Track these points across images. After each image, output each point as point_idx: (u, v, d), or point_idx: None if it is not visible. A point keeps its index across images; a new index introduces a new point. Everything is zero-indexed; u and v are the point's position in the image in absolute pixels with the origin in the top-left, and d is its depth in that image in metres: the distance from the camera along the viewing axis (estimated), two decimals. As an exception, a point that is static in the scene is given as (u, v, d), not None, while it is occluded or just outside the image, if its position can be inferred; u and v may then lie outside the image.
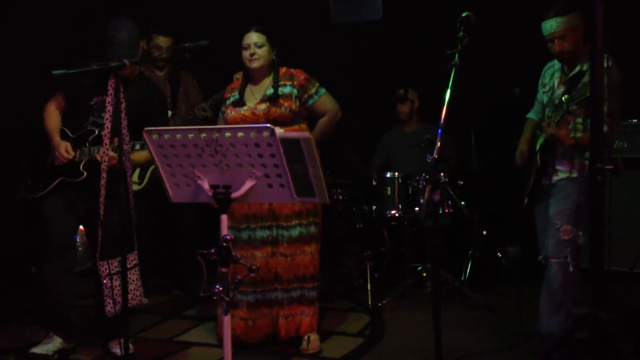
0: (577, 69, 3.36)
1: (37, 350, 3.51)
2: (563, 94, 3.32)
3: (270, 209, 3.64)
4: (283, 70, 3.78)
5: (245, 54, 3.68)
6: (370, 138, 5.83)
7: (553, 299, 3.35)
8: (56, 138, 3.48)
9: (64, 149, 3.40)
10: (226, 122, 3.76)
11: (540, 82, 3.66)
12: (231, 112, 3.74)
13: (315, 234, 3.74)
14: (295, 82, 3.72)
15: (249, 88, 3.79)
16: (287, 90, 3.70)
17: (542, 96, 3.63)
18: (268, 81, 3.75)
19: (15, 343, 3.79)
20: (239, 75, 3.94)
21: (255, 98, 3.73)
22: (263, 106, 3.66)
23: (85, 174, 3.44)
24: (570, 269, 3.28)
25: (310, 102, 3.74)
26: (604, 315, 2.47)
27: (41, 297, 3.69)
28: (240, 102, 3.73)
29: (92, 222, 3.45)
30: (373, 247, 4.95)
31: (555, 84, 3.49)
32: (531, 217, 3.70)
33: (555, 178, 3.45)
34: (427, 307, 4.44)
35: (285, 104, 3.66)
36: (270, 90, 3.68)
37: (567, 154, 3.40)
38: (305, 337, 3.68)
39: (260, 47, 3.66)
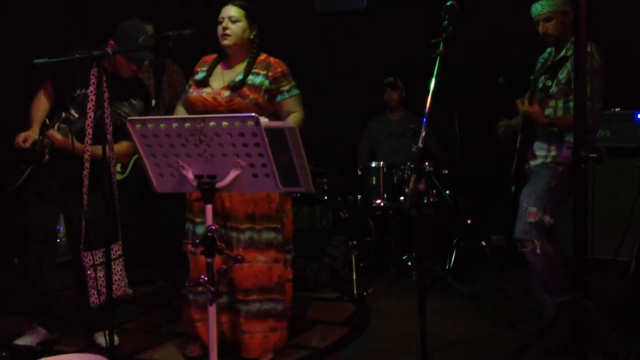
0: (562, 54, 3.38)
1: (21, 342, 3.49)
2: (546, 80, 3.35)
3: (222, 207, 3.30)
4: (262, 57, 3.40)
5: (219, 28, 3.32)
6: (353, 127, 5.83)
7: (540, 280, 3.44)
8: (33, 127, 3.42)
9: (22, 138, 3.32)
10: (187, 101, 3.42)
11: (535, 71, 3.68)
12: (193, 92, 3.36)
13: (271, 241, 3.36)
14: (270, 73, 3.33)
15: (219, 69, 3.42)
16: (258, 80, 3.31)
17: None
18: (242, 67, 3.36)
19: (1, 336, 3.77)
20: None
21: (223, 81, 3.36)
22: (227, 93, 3.28)
23: (47, 157, 3.37)
24: (538, 251, 3.35)
25: (279, 98, 3.35)
26: (587, 302, 2.50)
27: (23, 288, 3.66)
28: (203, 82, 3.37)
29: (72, 212, 3.43)
30: (358, 237, 4.96)
31: (540, 69, 3.53)
32: (516, 205, 3.73)
33: (532, 163, 3.51)
34: (412, 296, 4.44)
35: (251, 96, 3.27)
36: (240, 77, 3.31)
37: (546, 137, 3.44)
38: None
39: (234, 22, 3.29)
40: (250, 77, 3.32)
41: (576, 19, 2.53)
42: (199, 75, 3.42)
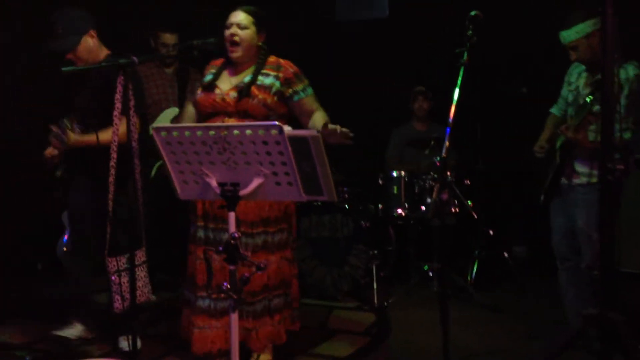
0: None
1: (61, 333, 3.59)
2: (586, 96, 3.31)
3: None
4: (272, 59, 3.35)
5: (226, 33, 3.25)
6: (374, 135, 5.82)
7: (582, 297, 3.40)
8: None
9: (50, 152, 3.52)
10: (196, 103, 3.38)
11: (566, 79, 3.65)
12: (200, 94, 3.33)
13: (282, 241, 3.37)
14: (280, 74, 3.28)
15: (225, 73, 3.37)
16: (268, 81, 3.26)
17: (566, 93, 3.62)
18: (249, 71, 3.31)
19: (25, 338, 3.81)
20: None
21: (230, 83, 3.31)
22: (235, 93, 3.24)
23: (59, 172, 3.63)
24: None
25: (296, 98, 3.29)
26: (613, 315, 2.47)
27: (64, 284, 3.81)
28: (210, 86, 3.31)
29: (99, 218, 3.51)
30: (379, 246, 4.95)
31: (581, 85, 3.48)
32: (538, 216, 3.71)
33: (575, 181, 3.45)
34: (433, 306, 4.44)
35: (260, 96, 3.21)
36: (249, 77, 3.26)
37: (587, 155, 3.38)
38: (254, 356, 3.35)
39: (243, 28, 3.23)
40: (260, 77, 3.27)
41: (603, 40, 2.51)
42: (207, 78, 3.39)
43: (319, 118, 3.25)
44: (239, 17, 3.25)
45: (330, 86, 3.98)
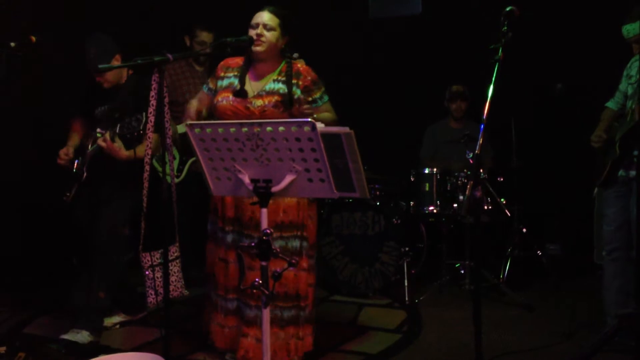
0: None
1: (68, 337, 3.62)
2: None
3: (253, 217, 3.20)
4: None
5: (252, 33, 3.19)
6: (406, 132, 5.80)
7: (625, 290, 3.37)
8: (68, 145, 3.93)
9: (64, 152, 3.83)
10: (214, 108, 3.31)
11: (625, 73, 3.62)
12: (222, 100, 3.25)
13: (299, 250, 3.31)
14: (300, 82, 3.26)
15: (247, 78, 3.30)
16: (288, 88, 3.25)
17: (625, 87, 3.58)
18: (273, 76, 3.27)
19: (61, 332, 3.87)
20: None
21: (252, 89, 3.26)
22: (260, 102, 3.20)
23: (85, 174, 3.78)
24: None
25: (314, 106, 3.28)
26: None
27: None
28: (242, 92, 3.22)
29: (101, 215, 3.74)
30: (410, 243, 4.93)
31: None
32: (573, 215, 3.67)
33: (632, 172, 3.40)
34: (465, 304, 4.43)
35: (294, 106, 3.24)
36: (271, 85, 3.23)
37: None
38: None
39: (269, 30, 3.18)
40: (282, 86, 3.23)
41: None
42: (226, 82, 3.32)
43: (323, 115, 3.27)
44: (265, 17, 3.20)
45: (364, 83, 3.97)
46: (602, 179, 3.54)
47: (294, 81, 3.25)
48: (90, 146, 3.77)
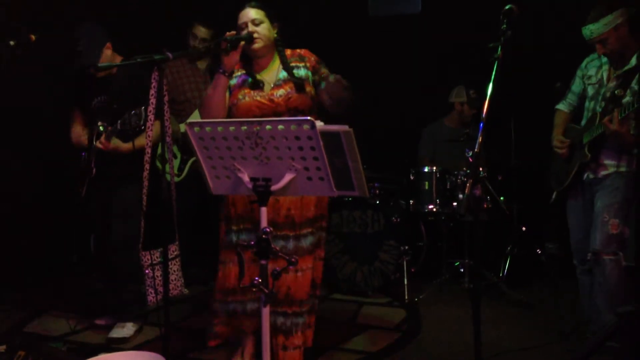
0: (634, 62, 3.28)
1: (116, 335, 3.74)
2: (615, 88, 3.26)
3: (289, 215, 3.15)
4: (288, 51, 3.28)
5: (244, 33, 3.15)
6: (405, 131, 5.80)
7: (609, 296, 3.30)
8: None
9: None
10: (235, 108, 3.20)
11: (579, 73, 3.61)
12: (245, 97, 3.17)
13: (324, 239, 3.37)
14: (307, 64, 3.23)
15: (254, 73, 3.25)
16: (302, 72, 3.20)
17: (580, 88, 3.60)
18: (276, 65, 3.25)
19: (61, 330, 3.88)
20: None
21: (268, 84, 3.22)
22: (281, 91, 3.16)
23: (94, 170, 3.74)
24: (623, 263, 3.24)
25: (323, 85, 3.14)
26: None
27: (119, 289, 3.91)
28: (256, 84, 3.18)
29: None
30: (410, 242, 4.94)
31: (605, 78, 3.43)
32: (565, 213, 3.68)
33: (603, 172, 3.40)
34: (464, 303, 4.43)
35: (307, 89, 3.19)
36: (283, 74, 3.20)
37: (616, 148, 3.34)
38: None
39: (258, 24, 3.15)
40: (295, 71, 3.20)
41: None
42: (235, 80, 3.24)
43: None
44: (252, 13, 3.17)
45: (363, 81, 3.94)
46: (567, 183, 3.53)
47: (302, 64, 3.23)
48: (94, 141, 3.70)
